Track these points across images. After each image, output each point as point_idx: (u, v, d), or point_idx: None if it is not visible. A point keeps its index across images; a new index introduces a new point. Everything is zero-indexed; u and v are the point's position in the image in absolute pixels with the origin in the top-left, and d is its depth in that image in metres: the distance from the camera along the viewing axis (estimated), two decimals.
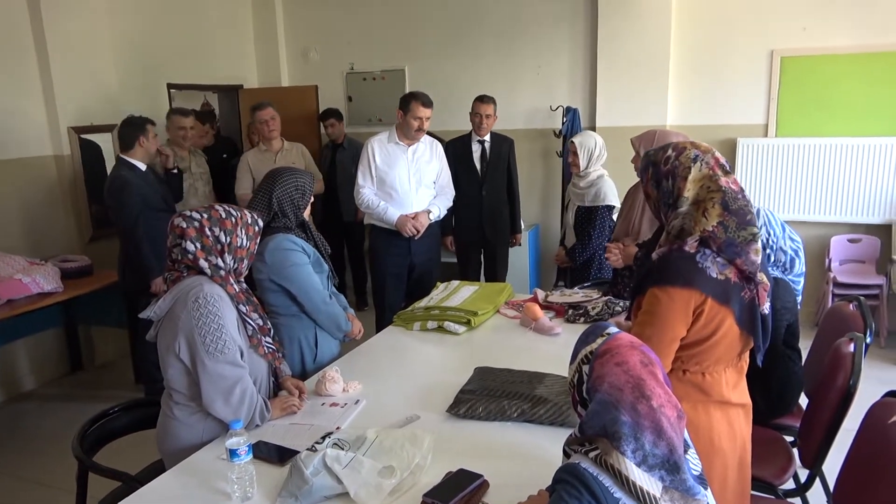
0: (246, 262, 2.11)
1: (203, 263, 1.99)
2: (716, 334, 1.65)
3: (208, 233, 1.99)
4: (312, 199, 2.68)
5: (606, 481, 1.16)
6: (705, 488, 1.23)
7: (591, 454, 1.20)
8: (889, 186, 4.80)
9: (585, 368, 1.29)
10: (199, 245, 1.98)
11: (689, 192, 1.65)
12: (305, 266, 2.57)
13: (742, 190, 1.67)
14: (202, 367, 1.91)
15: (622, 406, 1.18)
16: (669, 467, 1.17)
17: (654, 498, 1.15)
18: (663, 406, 1.20)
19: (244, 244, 2.07)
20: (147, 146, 3.97)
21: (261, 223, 2.17)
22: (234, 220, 2.04)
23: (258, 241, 2.16)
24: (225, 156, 5.14)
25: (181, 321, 1.92)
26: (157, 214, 3.85)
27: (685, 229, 1.66)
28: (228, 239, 2.02)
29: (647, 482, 1.15)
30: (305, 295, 2.56)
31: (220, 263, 2.02)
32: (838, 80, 4.83)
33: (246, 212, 2.12)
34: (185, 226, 1.97)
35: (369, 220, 4.02)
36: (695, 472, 1.22)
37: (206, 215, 2.00)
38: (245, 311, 2.07)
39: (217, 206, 2.06)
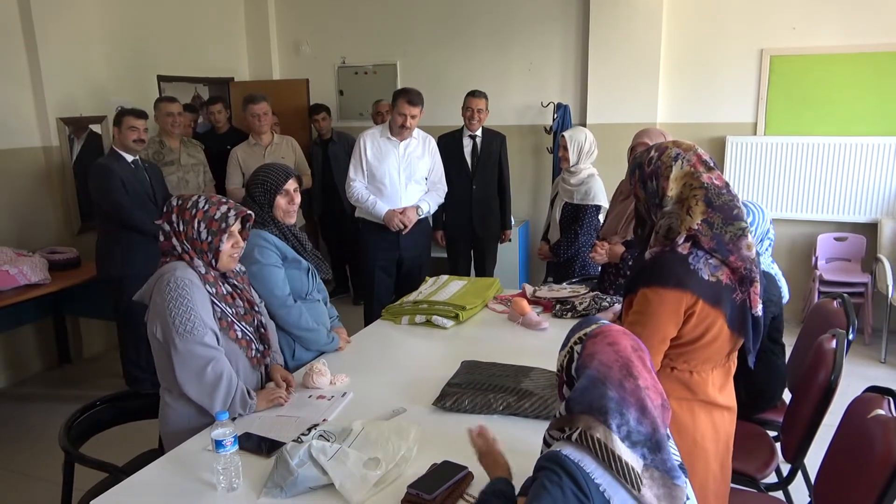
0: (211, 255, 2.08)
1: (175, 242, 2.07)
2: (706, 335, 1.66)
3: (174, 219, 2.08)
4: (296, 193, 2.63)
5: (589, 466, 1.17)
6: (686, 475, 1.25)
7: (574, 436, 1.20)
8: (876, 186, 4.85)
9: (577, 348, 1.30)
10: (169, 228, 2.08)
11: (672, 190, 1.65)
12: (271, 266, 2.50)
13: (727, 185, 1.66)
14: (174, 349, 1.96)
15: (610, 382, 1.21)
16: (652, 445, 1.20)
17: (636, 472, 1.17)
18: (649, 388, 1.22)
19: (203, 237, 2.07)
20: (121, 137, 3.89)
21: (230, 221, 2.09)
22: (193, 212, 2.08)
23: (224, 237, 2.08)
24: (229, 147, 5.09)
25: (157, 305, 2.00)
26: (140, 204, 3.83)
27: (672, 228, 1.66)
28: (185, 229, 2.07)
29: (630, 457, 1.18)
30: (266, 295, 2.45)
31: (186, 248, 2.07)
32: (827, 79, 4.87)
33: (221, 207, 2.09)
34: (165, 210, 2.11)
35: (360, 214, 4.03)
36: (676, 461, 1.24)
37: (179, 202, 2.10)
38: (213, 293, 2.07)
39: (195, 196, 2.12)
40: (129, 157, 3.93)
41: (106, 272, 3.96)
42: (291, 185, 2.60)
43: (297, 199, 2.63)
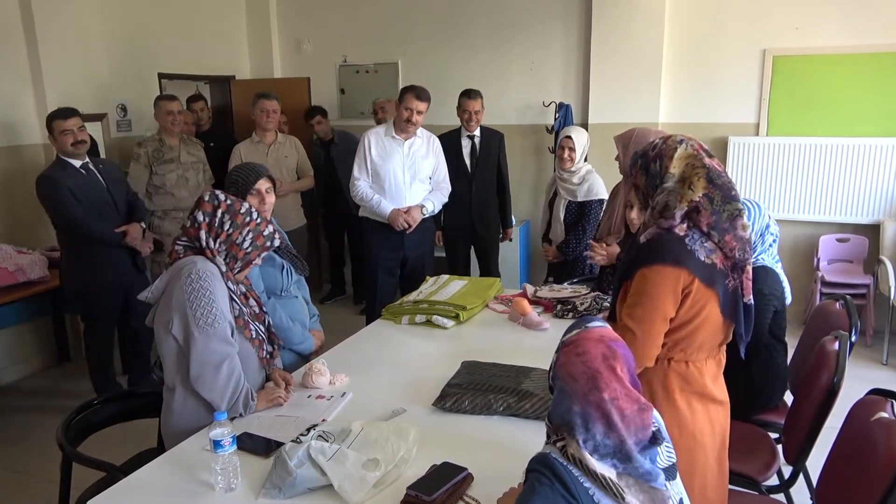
0: (240, 264, 2.12)
1: (202, 234, 2.06)
2: (699, 316, 1.68)
3: (219, 214, 2.06)
4: (269, 193, 2.60)
5: (576, 471, 1.19)
6: (673, 478, 1.24)
7: (559, 444, 1.22)
8: (878, 187, 4.84)
9: (555, 357, 1.32)
10: (206, 219, 2.06)
11: (676, 168, 1.68)
12: None
13: (725, 172, 1.72)
14: (192, 341, 1.95)
15: (575, 396, 1.21)
16: (621, 457, 1.20)
17: (612, 482, 1.18)
18: (617, 399, 1.21)
19: (244, 246, 2.10)
20: (57, 145, 3.59)
21: (274, 242, 2.16)
22: (247, 219, 2.09)
23: (262, 255, 2.16)
24: (212, 144, 5.09)
25: (175, 298, 1.98)
26: (97, 214, 3.62)
27: (670, 205, 1.68)
28: (231, 230, 2.06)
29: (602, 468, 1.19)
30: None
31: (212, 244, 2.06)
32: (830, 80, 4.85)
33: (269, 227, 2.15)
34: (206, 198, 2.08)
35: (363, 213, 4.01)
36: (662, 464, 1.23)
37: (229, 201, 2.09)
38: (233, 289, 2.09)
39: (245, 203, 2.13)
40: (77, 163, 3.62)
41: (74, 288, 3.73)
42: (263, 184, 2.57)
43: (270, 199, 2.60)
